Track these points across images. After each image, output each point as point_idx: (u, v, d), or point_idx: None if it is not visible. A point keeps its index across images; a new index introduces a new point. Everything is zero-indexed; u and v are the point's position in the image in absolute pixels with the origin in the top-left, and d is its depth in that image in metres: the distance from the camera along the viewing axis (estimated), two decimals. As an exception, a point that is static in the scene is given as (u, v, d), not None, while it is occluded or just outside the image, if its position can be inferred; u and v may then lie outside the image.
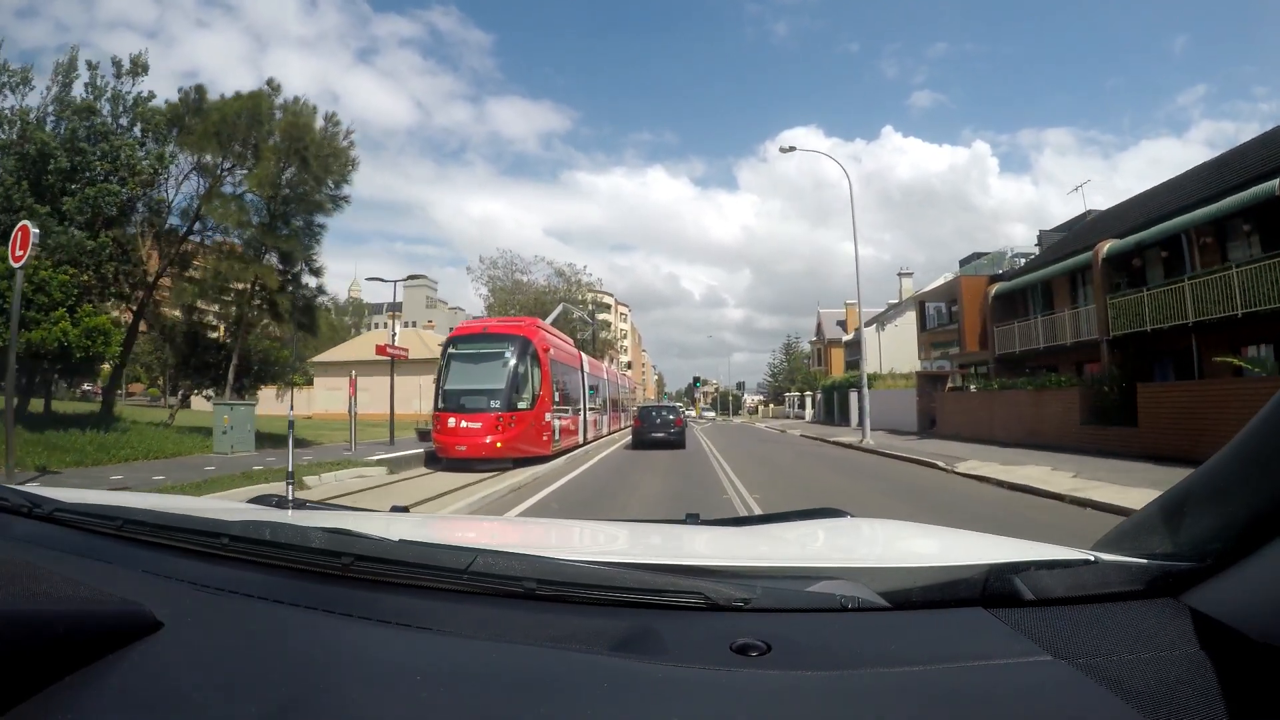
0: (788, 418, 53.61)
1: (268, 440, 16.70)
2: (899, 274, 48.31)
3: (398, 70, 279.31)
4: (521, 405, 13.37)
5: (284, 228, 18.78)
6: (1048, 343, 19.33)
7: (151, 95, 17.21)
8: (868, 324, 47.36)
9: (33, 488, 1.27)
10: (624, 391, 35.45)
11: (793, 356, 70.02)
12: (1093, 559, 0.85)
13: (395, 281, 21.30)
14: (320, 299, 22.04)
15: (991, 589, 0.80)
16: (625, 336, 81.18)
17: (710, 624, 0.76)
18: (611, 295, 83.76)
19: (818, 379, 52.40)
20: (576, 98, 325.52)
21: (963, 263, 34.71)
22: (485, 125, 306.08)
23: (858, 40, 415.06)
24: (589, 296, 47.14)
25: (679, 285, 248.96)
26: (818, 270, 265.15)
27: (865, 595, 0.80)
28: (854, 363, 45.72)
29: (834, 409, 36.89)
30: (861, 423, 18.15)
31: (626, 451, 17.76)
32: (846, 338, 52.77)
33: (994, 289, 22.38)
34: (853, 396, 32.29)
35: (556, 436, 14.94)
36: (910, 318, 45.01)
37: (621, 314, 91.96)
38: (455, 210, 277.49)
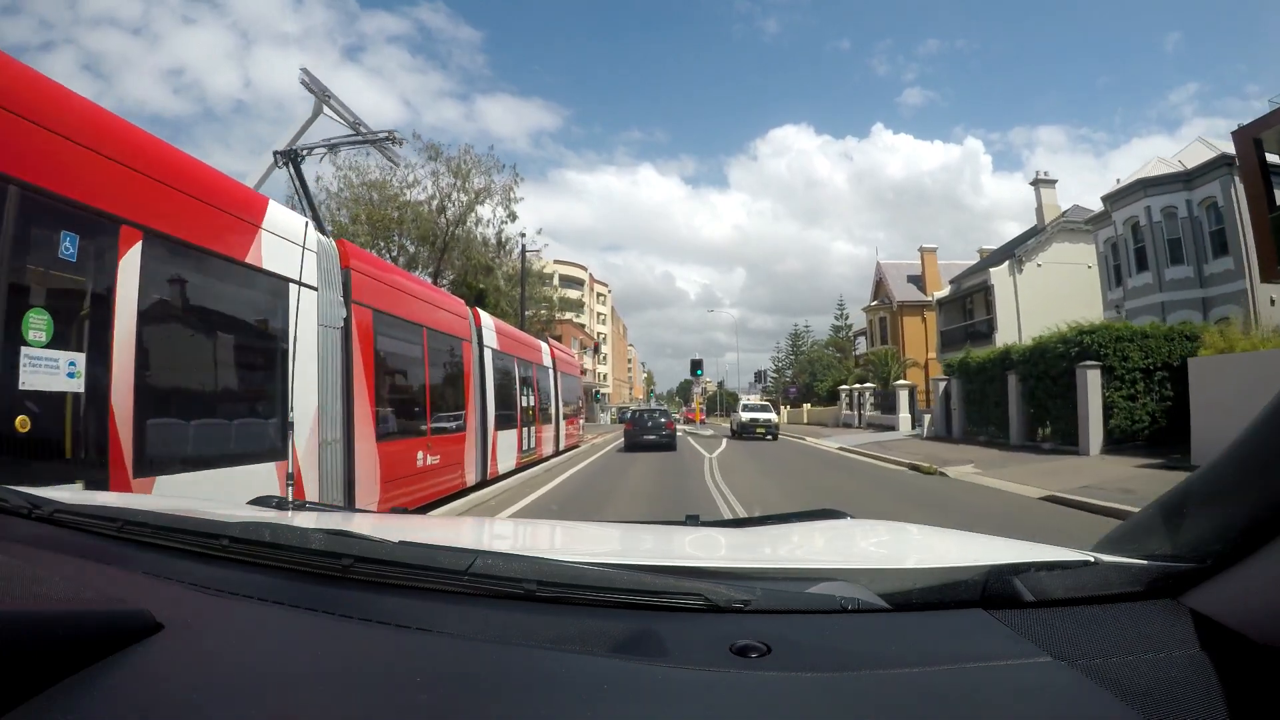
0: (851, 426, 29.58)
1: None
2: (1034, 182, 29.63)
3: (386, 68, 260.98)
4: None
5: None
6: None
7: None
8: (993, 263, 28.71)
9: (32, 489, 1.23)
10: (559, 384, 16.52)
11: (801, 349, 61.57)
12: (1093, 560, 0.85)
13: None
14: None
15: (991, 590, 0.80)
16: (584, 310, 62.16)
17: (710, 625, 0.76)
18: (585, 268, 65.31)
19: (889, 363, 33.51)
20: (567, 95, 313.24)
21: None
22: (475, 123, 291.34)
23: (848, 37, 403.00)
24: (500, 194, 25.05)
25: (673, 285, 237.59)
26: (812, 271, 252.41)
27: (865, 597, 0.80)
28: (960, 333, 27.22)
29: (997, 415, 17.50)
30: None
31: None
32: (940, 294, 33.44)
33: None
34: (1091, 379, 13.44)
35: None
36: (1062, 251, 26.20)
37: (600, 295, 73.59)
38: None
